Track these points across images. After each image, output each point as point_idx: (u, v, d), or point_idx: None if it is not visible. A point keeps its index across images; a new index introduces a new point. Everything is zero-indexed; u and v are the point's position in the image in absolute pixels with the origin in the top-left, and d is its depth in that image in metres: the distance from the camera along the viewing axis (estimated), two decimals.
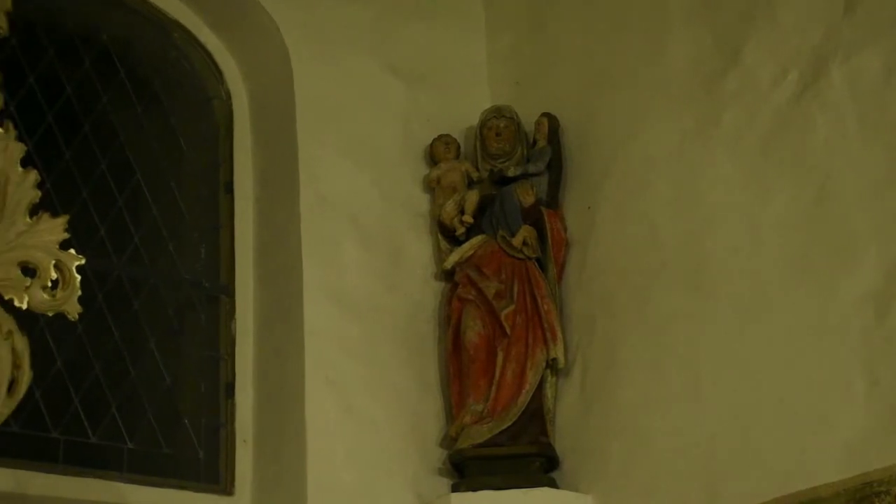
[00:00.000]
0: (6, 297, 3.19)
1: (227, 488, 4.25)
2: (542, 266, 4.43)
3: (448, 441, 4.34)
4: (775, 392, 3.73)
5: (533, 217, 4.44)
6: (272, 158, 4.56)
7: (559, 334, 4.31)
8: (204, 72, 4.62)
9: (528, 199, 4.44)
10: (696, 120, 4.13)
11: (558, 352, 4.30)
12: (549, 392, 4.32)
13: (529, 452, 4.22)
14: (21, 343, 3.19)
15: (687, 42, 4.19)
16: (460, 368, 4.37)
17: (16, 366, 3.17)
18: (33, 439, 3.92)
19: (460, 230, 4.52)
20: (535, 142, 4.57)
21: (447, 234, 4.55)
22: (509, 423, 4.24)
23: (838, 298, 3.63)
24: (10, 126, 3.29)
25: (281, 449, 4.23)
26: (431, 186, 4.63)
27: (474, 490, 4.17)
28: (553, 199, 4.47)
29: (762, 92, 3.94)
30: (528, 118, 4.58)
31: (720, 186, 4.03)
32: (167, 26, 4.58)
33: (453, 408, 4.36)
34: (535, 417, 4.27)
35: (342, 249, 4.44)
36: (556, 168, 4.49)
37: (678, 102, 4.19)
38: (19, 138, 3.29)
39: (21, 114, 3.98)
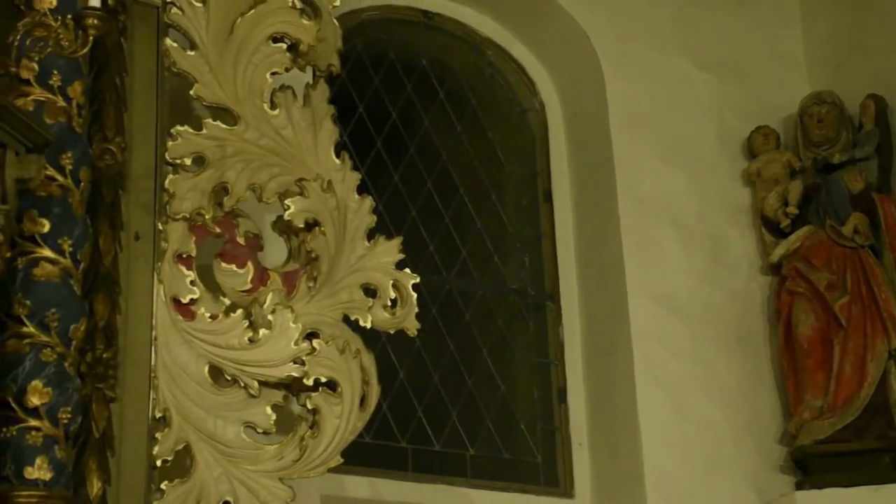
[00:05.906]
0: (352, 318, 3.39)
1: (566, 491, 4.30)
2: (877, 253, 4.27)
3: (787, 438, 4.25)
4: None
5: (863, 203, 4.28)
6: (588, 164, 4.59)
7: None
8: (517, 85, 4.71)
9: (857, 186, 4.29)
10: None
11: None
12: (893, 384, 4.15)
13: (877, 447, 4.09)
14: (368, 360, 3.38)
15: None
16: (794, 363, 4.27)
17: (365, 382, 3.35)
18: (384, 449, 4.10)
19: (785, 222, 4.42)
20: (860, 125, 4.41)
21: (771, 227, 4.46)
22: (852, 418, 4.11)
23: None
24: (346, 157, 3.49)
25: (616, 450, 4.25)
26: (752, 180, 4.54)
27: (819, 488, 4.07)
28: (885, 184, 4.32)
29: None
30: (852, 101, 4.42)
31: None
32: (480, 45, 4.69)
33: (790, 404, 4.27)
34: (880, 411, 4.12)
35: (663, 249, 4.42)
36: (885, 151, 4.33)
37: None
38: (354, 167, 3.49)
39: (353, 142, 4.20)
